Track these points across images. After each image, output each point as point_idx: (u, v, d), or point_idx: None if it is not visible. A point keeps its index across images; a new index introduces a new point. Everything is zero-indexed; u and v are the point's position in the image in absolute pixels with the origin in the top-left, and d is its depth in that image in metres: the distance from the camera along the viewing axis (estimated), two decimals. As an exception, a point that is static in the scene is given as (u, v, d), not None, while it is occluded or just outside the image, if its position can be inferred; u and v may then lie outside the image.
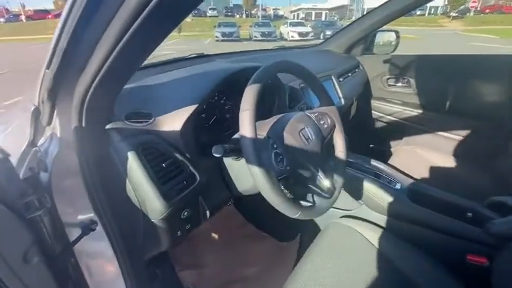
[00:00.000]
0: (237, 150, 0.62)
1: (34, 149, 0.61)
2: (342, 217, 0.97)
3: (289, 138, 0.64)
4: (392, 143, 1.81)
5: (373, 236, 0.85)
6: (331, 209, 0.74)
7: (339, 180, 0.74)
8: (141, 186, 0.58)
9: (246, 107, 0.54)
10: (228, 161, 0.72)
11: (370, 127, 1.90)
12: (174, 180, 0.62)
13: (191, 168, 0.65)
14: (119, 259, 0.64)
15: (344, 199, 0.96)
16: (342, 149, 0.77)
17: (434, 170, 1.28)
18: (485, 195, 0.84)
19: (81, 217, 0.64)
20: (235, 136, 0.71)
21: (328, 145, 0.76)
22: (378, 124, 1.87)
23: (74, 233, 0.65)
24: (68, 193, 0.64)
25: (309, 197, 0.69)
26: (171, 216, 0.61)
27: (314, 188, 0.68)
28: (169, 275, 1.02)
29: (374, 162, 1.02)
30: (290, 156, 0.63)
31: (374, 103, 1.82)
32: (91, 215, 0.60)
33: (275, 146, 0.62)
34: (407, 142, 1.69)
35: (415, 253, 0.80)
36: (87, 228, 0.62)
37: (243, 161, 0.66)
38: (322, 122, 0.74)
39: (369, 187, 0.91)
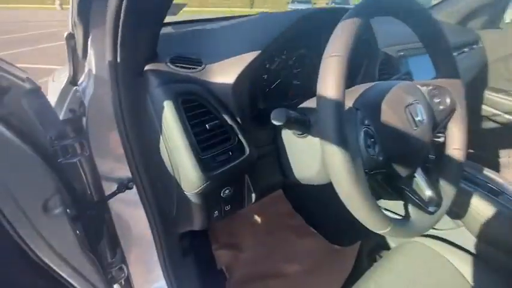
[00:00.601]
0: (304, 122, 0.45)
1: (74, 88, 0.54)
2: (424, 236, 0.74)
3: (389, 114, 0.42)
4: (502, 152, 1.37)
5: (474, 273, 0.63)
6: None
7: (449, 189, 0.50)
8: (175, 146, 0.45)
9: (334, 52, 0.35)
10: (289, 136, 0.55)
11: (475, 126, 1.46)
12: (218, 148, 0.48)
13: (240, 137, 0.50)
14: (152, 226, 0.56)
15: None
16: (460, 144, 0.52)
17: None
18: None
19: (117, 172, 0.57)
20: (304, 104, 0.53)
21: (438, 135, 0.52)
22: (488, 124, 1.42)
23: (109, 188, 0.59)
24: (104, 142, 0.57)
25: (399, 206, 0.48)
26: (208, 192, 0.48)
27: (411, 194, 0.46)
28: (204, 251, 0.95)
29: (489, 173, 0.73)
30: (386, 140, 0.42)
31: (488, 95, 1.36)
32: (128, 171, 0.52)
33: (366, 122, 0.42)
34: None
35: None
36: (123, 185, 0.56)
37: (309, 138, 0.48)
38: (437, 101, 0.50)
39: (479, 205, 0.66)
